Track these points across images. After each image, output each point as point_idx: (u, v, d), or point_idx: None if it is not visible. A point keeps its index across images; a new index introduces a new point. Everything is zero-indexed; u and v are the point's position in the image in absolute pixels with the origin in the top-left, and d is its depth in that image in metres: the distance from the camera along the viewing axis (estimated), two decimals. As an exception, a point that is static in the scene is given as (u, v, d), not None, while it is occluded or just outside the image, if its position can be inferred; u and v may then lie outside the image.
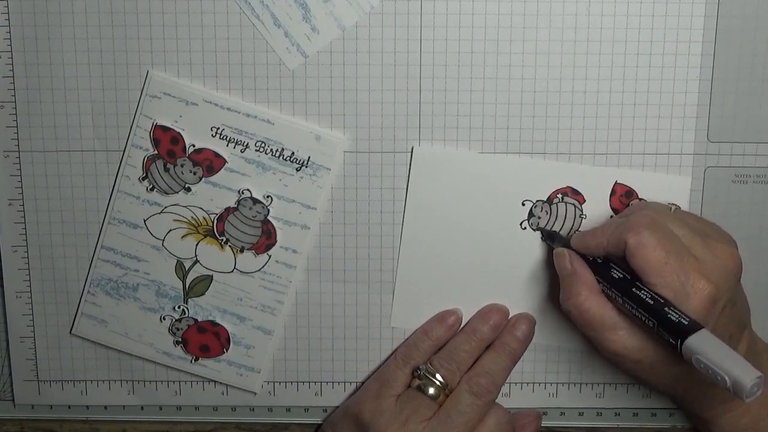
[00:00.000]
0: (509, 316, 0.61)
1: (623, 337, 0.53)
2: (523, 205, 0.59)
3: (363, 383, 0.62)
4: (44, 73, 0.59)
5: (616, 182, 0.59)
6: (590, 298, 0.54)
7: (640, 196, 0.59)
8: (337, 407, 0.63)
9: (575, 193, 0.59)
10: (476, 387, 0.57)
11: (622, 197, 0.59)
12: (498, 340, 0.60)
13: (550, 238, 0.59)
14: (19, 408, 0.65)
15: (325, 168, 0.59)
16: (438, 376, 0.58)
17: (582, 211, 0.59)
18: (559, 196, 0.59)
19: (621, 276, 0.53)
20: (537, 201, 0.59)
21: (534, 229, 0.60)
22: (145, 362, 0.63)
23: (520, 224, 0.60)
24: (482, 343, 0.59)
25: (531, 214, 0.60)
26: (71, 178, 0.60)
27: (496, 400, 0.58)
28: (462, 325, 0.61)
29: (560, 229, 0.60)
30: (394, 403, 0.58)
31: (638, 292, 0.51)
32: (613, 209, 0.59)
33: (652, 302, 0.50)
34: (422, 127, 0.59)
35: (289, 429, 0.65)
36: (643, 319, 0.51)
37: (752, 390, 0.45)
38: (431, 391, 0.57)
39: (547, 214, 0.59)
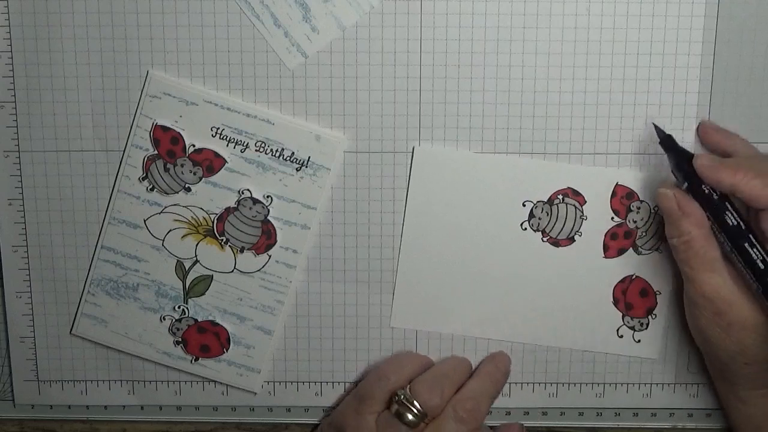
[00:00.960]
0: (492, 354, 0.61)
1: (719, 283, 0.51)
2: (524, 205, 0.59)
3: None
4: (44, 73, 0.59)
5: (617, 184, 0.59)
6: (699, 236, 0.52)
7: (641, 197, 0.59)
8: (327, 415, 0.63)
9: (576, 194, 0.59)
10: (462, 412, 0.56)
11: (623, 198, 0.59)
12: (481, 368, 0.60)
13: (668, 146, 0.54)
14: (19, 408, 0.65)
15: (325, 168, 0.59)
16: (416, 403, 0.56)
17: (583, 212, 0.59)
18: (560, 197, 0.59)
19: (735, 223, 0.50)
20: (537, 202, 0.59)
21: (534, 230, 0.60)
22: (145, 362, 0.63)
23: (521, 225, 0.60)
24: (466, 371, 0.59)
25: (531, 215, 0.60)
26: (71, 178, 0.60)
27: (494, 403, 0.58)
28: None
29: (560, 231, 0.60)
30: (374, 422, 0.56)
31: (750, 249, 0.49)
32: (613, 210, 0.59)
33: (762, 267, 0.48)
34: (422, 127, 0.59)
35: (289, 429, 0.65)
36: (749, 277, 0.49)
37: None
38: (409, 417, 0.55)
39: (547, 215, 0.59)
